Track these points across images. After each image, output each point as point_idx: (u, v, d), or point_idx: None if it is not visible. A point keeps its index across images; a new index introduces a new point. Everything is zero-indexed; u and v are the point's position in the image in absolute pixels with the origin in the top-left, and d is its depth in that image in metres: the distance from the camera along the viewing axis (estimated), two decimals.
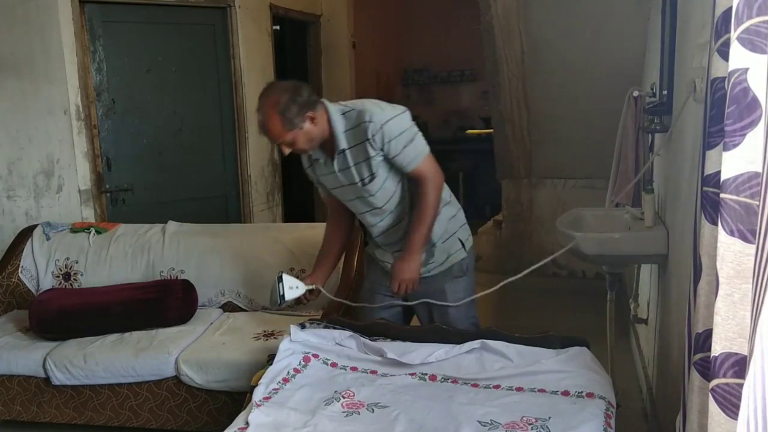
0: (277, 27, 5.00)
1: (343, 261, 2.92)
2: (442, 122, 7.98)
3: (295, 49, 5.51)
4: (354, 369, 2.01)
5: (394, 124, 2.09)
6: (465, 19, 6.41)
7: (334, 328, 2.18)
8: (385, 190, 2.19)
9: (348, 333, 2.13)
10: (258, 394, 1.85)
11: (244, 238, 3.18)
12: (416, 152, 2.14)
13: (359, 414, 1.75)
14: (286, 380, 1.94)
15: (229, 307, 3.08)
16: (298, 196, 5.19)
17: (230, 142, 4.21)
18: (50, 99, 3.53)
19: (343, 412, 1.76)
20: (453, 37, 7.43)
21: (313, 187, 2.49)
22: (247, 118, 4.22)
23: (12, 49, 3.50)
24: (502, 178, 4.90)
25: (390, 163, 2.15)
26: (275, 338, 2.67)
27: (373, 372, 1.98)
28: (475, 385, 1.88)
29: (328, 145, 2.16)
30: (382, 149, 2.10)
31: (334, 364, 2.04)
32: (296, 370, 2.00)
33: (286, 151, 2.11)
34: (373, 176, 2.14)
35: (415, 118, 2.20)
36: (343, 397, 1.82)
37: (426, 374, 1.95)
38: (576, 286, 4.56)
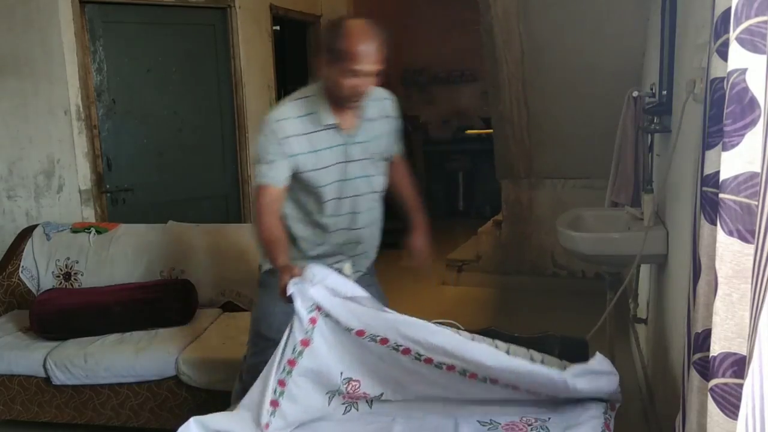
0: (277, 27, 5.00)
1: None
2: (442, 122, 7.97)
3: (295, 49, 5.51)
4: (360, 333, 1.72)
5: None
6: (465, 19, 6.41)
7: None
8: (386, 174, 2.14)
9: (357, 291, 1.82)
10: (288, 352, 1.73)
11: (244, 238, 3.18)
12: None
13: (357, 410, 1.74)
14: (305, 343, 1.75)
15: (229, 307, 3.08)
16: None
17: (230, 142, 4.22)
18: (51, 99, 3.53)
19: (343, 403, 1.75)
20: (453, 37, 7.43)
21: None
22: (247, 118, 4.22)
23: (12, 49, 3.50)
24: (502, 178, 4.90)
25: None
26: None
27: (384, 341, 1.72)
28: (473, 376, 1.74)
29: (349, 111, 1.99)
30: (394, 127, 2.12)
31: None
32: (304, 343, 1.74)
33: (364, 88, 1.87)
34: (391, 154, 2.13)
35: (415, 117, 2.21)
36: (348, 390, 1.78)
37: (443, 364, 1.73)
38: (576, 286, 4.56)
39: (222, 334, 2.78)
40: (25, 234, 3.30)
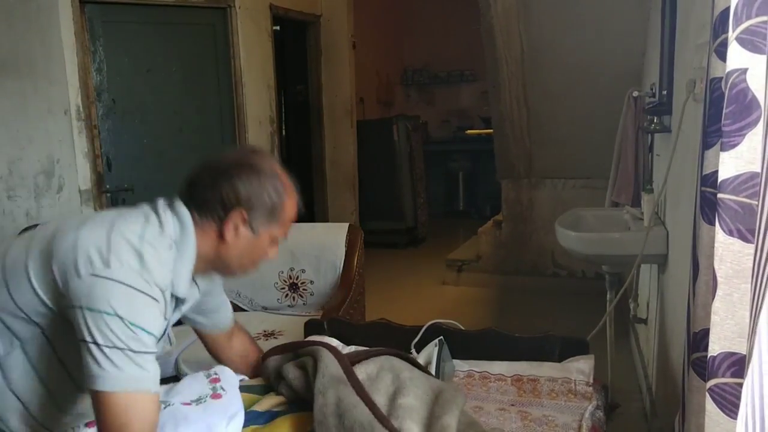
0: (277, 27, 5.00)
1: (343, 259, 2.92)
2: (442, 122, 7.98)
3: (295, 49, 5.51)
4: None
5: None
6: (465, 19, 6.42)
7: None
8: None
9: None
10: None
11: None
12: None
13: None
14: None
15: None
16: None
17: (230, 142, 4.21)
18: (50, 99, 3.53)
19: None
20: (453, 37, 7.44)
21: (313, 186, 2.08)
22: (247, 118, 4.22)
23: (12, 49, 3.50)
24: (502, 178, 4.91)
25: None
26: (275, 338, 2.67)
27: None
28: None
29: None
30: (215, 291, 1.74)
31: None
32: None
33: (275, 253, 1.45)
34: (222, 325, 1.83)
35: (415, 118, 2.10)
36: None
37: None
38: (576, 286, 4.56)
39: None
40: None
